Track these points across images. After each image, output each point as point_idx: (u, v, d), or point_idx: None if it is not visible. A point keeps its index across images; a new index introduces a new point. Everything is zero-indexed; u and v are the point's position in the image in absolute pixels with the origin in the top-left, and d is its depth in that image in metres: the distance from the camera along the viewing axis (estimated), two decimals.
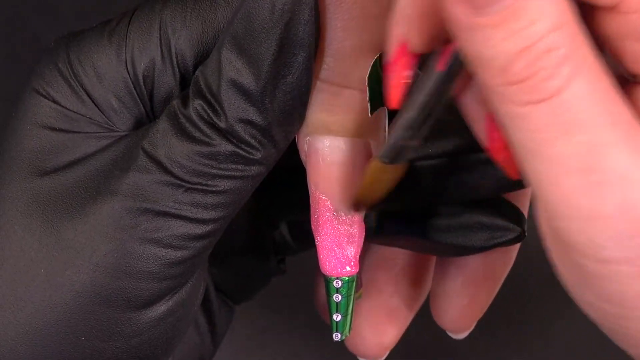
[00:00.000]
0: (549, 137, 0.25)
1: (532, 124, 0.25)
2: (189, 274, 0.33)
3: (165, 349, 0.34)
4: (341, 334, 0.36)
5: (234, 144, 0.31)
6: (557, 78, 0.24)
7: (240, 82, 0.30)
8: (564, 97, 0.24)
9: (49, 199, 0.32)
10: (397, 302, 0.41)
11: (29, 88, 0.33)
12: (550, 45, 0.24)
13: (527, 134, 0.25)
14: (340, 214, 0.33)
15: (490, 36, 0.24)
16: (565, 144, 0.24)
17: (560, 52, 0.24)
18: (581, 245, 0.25)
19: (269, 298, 0.44)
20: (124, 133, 0.33)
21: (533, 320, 0.51)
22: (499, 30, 0.24)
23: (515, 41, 0.24)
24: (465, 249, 0.37)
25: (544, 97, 0.24)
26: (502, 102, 0.25)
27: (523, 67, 0.24)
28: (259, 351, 0.50)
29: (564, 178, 0.25)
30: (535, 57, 0.24)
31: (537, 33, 0.24)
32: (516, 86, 0.24)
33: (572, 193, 0.25)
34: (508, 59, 0.24)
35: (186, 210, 0.31)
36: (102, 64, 0.32)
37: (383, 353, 0.42)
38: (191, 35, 0.32)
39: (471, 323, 0.41)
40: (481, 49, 0.24)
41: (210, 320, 0.38)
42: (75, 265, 0.31)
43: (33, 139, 0.32)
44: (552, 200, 0.25)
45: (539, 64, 0.24)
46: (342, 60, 0.31)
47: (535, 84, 0.24)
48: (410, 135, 0.30)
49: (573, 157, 0.24)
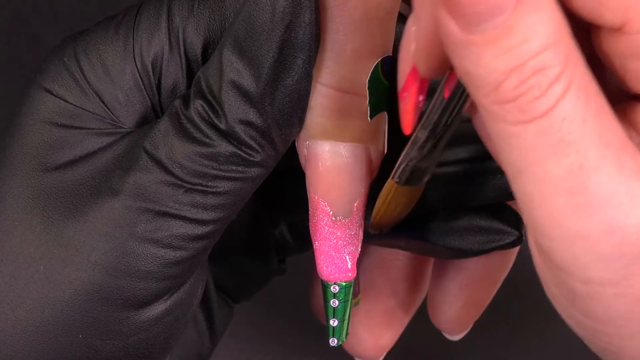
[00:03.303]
0: (539, 156, 0.24)
1: (523, 143, 0.24)
2: (187, 274, 0.33)
3: (163, 348, 0.34)
4: (338, 339, 0.36)
5: (234, 145, 0.31)
6: (548, 97, 0.24)
7: (241, 83, 0.30)
8: (555, 116, 0.24)
9: (50, 196, 0.32)
10: (395, 304, 0.41)
11: (34, 84, 0.33)
12: (542, 64, 0.24)
13: (517, 153, 0.25)
14: (338, 219, 0.33)
15: (481, 54, 0.24)
16: (554, 164, 0.24)
17: (553, 71, 0.24)
18: (567, 265, 0.25)
19: (268, 298, 0.44)
20: (128, 130, 0.33)
21: (532, 321, 0.51)
22: (490, 48, 0.24)
23: (507, 59, 0.24)
24: (463, 252, 0.37)
25: (535, 116, 0.24)
26: (494, 120, 0.25)
27: (514, 86, 0.24)
28: (259, 351, 0.50)
29: (552, 198, 0.25)
30: (526, 76, 0.24)
31: (529, 51, 0.24)
32: (507, 105, 0.24)
33: (558, 213, 0.25)
34: (499, 77, 0.24)
35: (186, 211, 0.31)
36: (109, 56, 0.32)
37: (380, 354, 0.42)
38: (198, 24, 0.32)
39: (468, 324, 0.41)
40: (473, 67, 0.24)
41: (209, 319, 0.38)
42: (74, 262, 0.31)
43: (35, 135, 0.32)
44: (539, 219, 0.25)
45: (530, 83, 0.24)
46: (343, 64, 0.31)
47: (525, 103, 0.24)
48: (423, 158, 0.30)
49: (561, 178, 0.24)
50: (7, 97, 0.34)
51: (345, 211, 0.33)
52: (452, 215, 0.37)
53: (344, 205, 0.33)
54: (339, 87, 0.32)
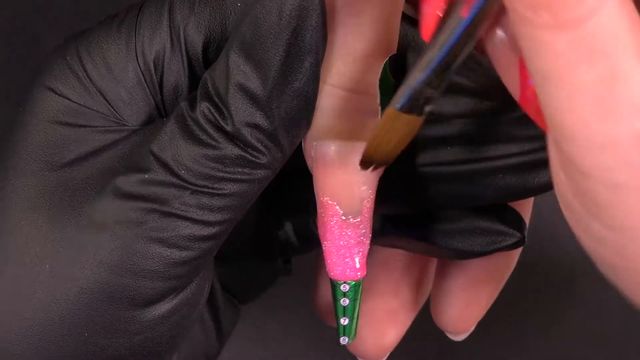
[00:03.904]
0: (572, 63, 0.24)
1: (557, 49, 0.24)
2: (194, 274, 0.33)
3: (169, 347, 0.34)
4: (348, 337, 0.36)
5: (241, 147, 0.31)
6: (585, 5, 0.23)
7: (248, 86, 0.30)
8: (591, 24, 0.24)
9: (55, 195, 0.32)
10: (398, 304, 0.41)
11: (37, 83, 0.33)
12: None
13: (550, 59, 0.24)
14: (348, 218, 0.33)
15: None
16: (587, 71, 0.24)
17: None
18: (593, 170, 0.25)
19: (269, 298, 0.44)
20: (132, 128, 0.33)
21: (533, 321, 0.51)
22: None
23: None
24: (465, 254, 0.38)
25: (572, 23, 0.24)
26: (526, 26, 0.24)
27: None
28: (259, 351, 0.50)
29: (582, 104, 0.24)
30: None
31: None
32: (543, 10, 0.24)
33: (588, 119, 0.25)
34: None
35: (192, 212, 0.31)
36: (111, 55, 0.32)
37: (383, 354, 0.42)
38: (199, 22, 0.32)
39: (470, 325, 0.41)
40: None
41: (216, 319, 0.38)
42: (80, 261, 0.31)
43: (40, 134, 0.32)
44: (567, 125, 0.25)
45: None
46: (352, 65, 0.31)
47: (563, 9, 0.24)
48: (429, 81, 0.29)
49: (593, 85, 0.24)
50: (8, 97, 0.34)
51: (355, 211, 0.33)
52: (454, 216, 0.37)
53: (354, 205, 0.33)
54: (349, 87, 0.32)
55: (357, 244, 0.34)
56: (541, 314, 0.37)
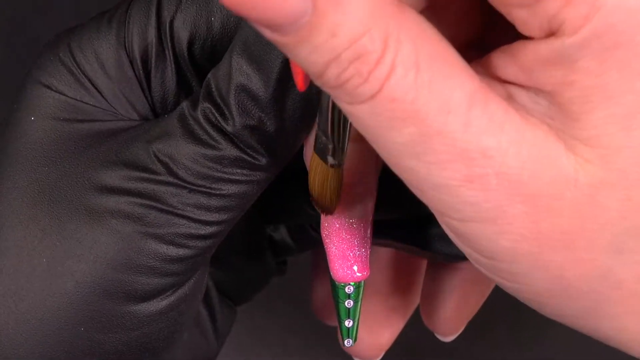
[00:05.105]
0: (380, 131, 0.25)
1: (362, 121, 0.25)
2: (191, 271, 0.33)
3: (166, 344, 0.34)
4: (352, 339, 0.36)
5: (240, 148, 0.31)
6: (371, 82, 0.24)
7: (250, 87, 0.30)
8: (383, 98, 0.24)
9: (54, 190, 0.32)
10: (394, 303, 0.41)
11: (30, 80, 0.33)
12: (358, 52, 0.24)
13: (361, 128, 0.25)
14: (350, 221, 0.33)
15: (297, 52, 0.24)
16: (397, 135, 0.25)
17: (371, 57, 0.24)
18: (444, 209, 0.26)
19: (268, 298, 0.44)
20: (130, 122, 0.33)
21: (531, 321, 0.51)
22: (303, 46, 0.24)
23: (321, 54, 0.24)
24: (455, 257, 0.38)
25: (363, 100, 0.24)
26: (336, 100, 0.25)
27: (335, 75, 0.24)
28: (259, 351, 0.50)
29: (405, 161, 0.25)
30: (344, 66, 0.24)
31: (339, 45, 0.24)
32: (336, 90, 0.24)
33: (413, 171, 0.25)
34: (320, 68, 0.24)
35: (190, 211, 0.31)
36: (103, 50, 0.33)
37: (379, 353, 0.42)
38: (185, 18, 0.32)
39: (459, 326, 0.41)
40: (298, 60, 0.24)
41: (213, 319, 0.38)
42: (76, 255, 0.31)
43: (38, 131, 0.32)
44: (404, 176, 0.26)
45: (350, 72, 0.24)
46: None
47: (351, 89, 0.24)
48: (323, 136, 0.30)
49: (407, 145, 0.25)
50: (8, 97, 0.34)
51: (359, 213, 0.33)
52: None
53: (357, 206, 0.33)
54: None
55: (362, 245, 0.34)
56: (539, 313, 0.37)
